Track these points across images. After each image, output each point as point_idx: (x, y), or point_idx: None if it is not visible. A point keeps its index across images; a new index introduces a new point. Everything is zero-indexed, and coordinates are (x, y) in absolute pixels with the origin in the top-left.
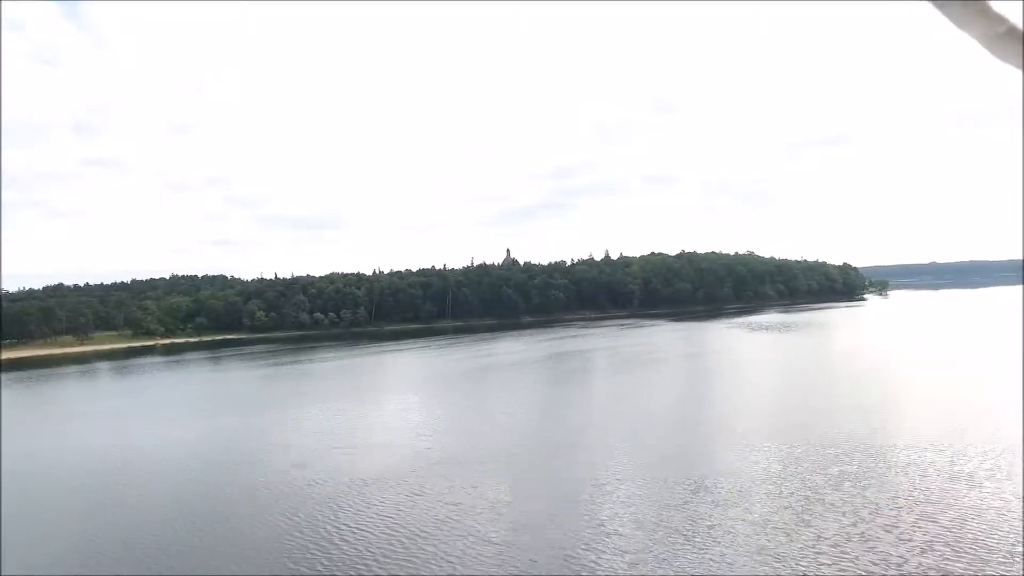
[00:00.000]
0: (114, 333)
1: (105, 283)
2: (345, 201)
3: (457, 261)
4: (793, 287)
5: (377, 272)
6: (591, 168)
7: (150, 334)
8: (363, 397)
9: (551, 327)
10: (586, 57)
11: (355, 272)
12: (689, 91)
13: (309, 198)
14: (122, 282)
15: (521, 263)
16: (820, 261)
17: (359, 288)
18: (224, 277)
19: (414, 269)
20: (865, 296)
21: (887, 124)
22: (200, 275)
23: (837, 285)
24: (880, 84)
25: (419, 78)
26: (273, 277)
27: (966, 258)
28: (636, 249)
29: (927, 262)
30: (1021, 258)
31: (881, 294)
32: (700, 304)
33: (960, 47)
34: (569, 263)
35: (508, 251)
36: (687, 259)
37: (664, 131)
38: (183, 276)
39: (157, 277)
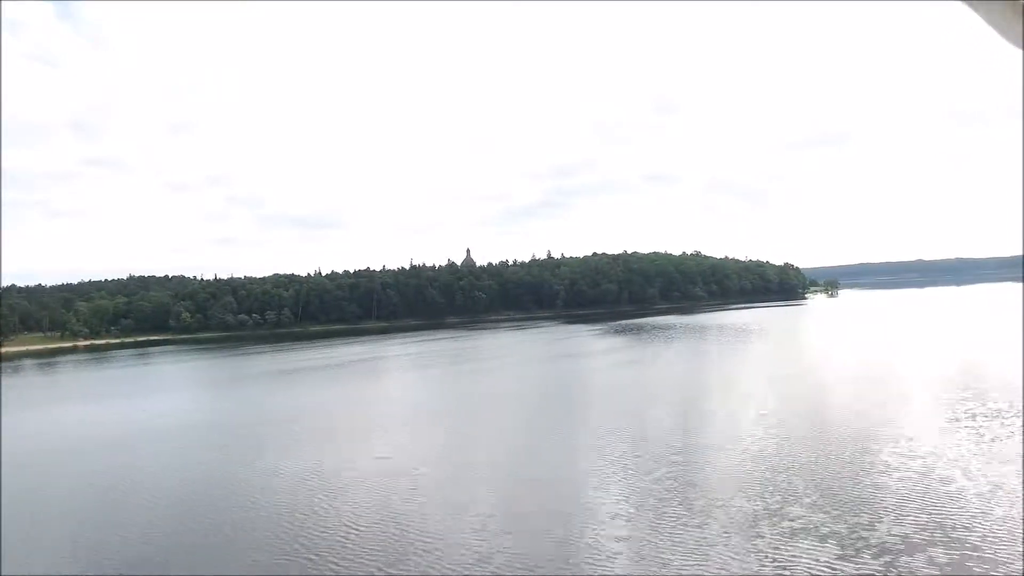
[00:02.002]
0: (40, 335)
1: (61, 283)
2: (346, 200)
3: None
4: (725, 287)
5: (309, 274)
6: (591, 168)
7: (76, 336)
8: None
9: (461, 328)
10: (586, 56)
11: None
12: (688, 90)
13: (310, 197)
14: (69, 283)
15: (479, 263)
16: (758, 261)
17: (287, 290)
18: (183, 277)
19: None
20: (807, 296)
21: (884, 123)
22: (168, 275)
23: (772, 285)
24: (875, 83)
25: (419, 77)
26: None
27: (952, 255)
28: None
29: (913, 259)
30: (999, 256)
31: (829, 294)
32: (627, 304)
33: (956, 47)
34: (511, 263)
35: (468, 251)
36: (622, 260)
37: (664, 130)
38: (140, 276)
39: (121, 277)
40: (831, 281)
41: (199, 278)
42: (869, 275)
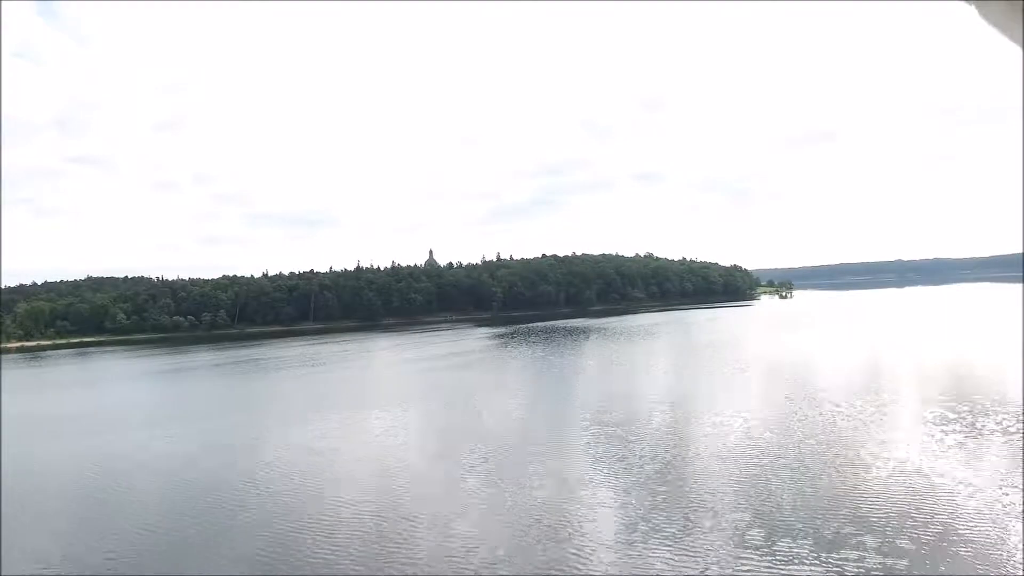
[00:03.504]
0: None
1: (17, 285)
2: (336, 198)
3: (443, 259)
4: (665, 289)
5: (243, 277)
6: (581, 166)
7: (10, 338)
8: None
9: (391, 330)
10: (573, 55)
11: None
12: (676, 88)
13: (300, 195)
14: (23, 284)
15: (442, 264)
16: (703, 263)
17: (225, 292)
18: (141, 278)
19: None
20: (757, 297)
21: (870, 121)
22: (127, 276)
23: (717, 287)
24: (861, 81)
25: (409, 75)
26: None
27: (931, 256)
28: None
29: (893, 259)
30: (976, 256)
31: (782, 295)
32: (564, 306)
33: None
34: (450, 265)
35: (431, 252)
36: (567, 262)
37: (652, 128)
38: (97, 277)
39: (79, 278)
40: (784, 282)
41: (161, 279)
42: (848, 275)
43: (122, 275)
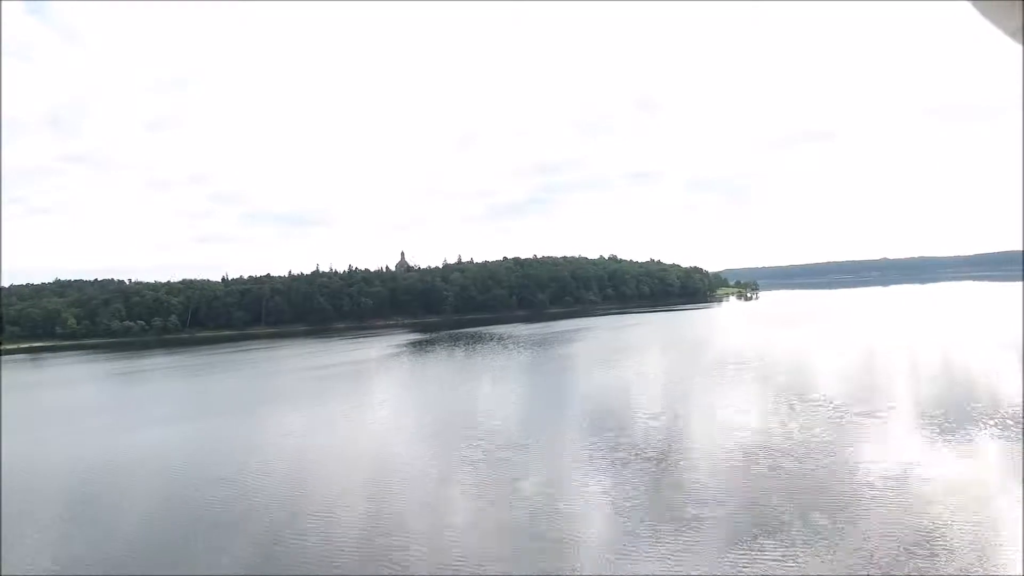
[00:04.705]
0: None
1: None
2: (331, 197)
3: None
4: (621, 292)
5: (199, 281)
6: (576, 165)
7: None
8: None
9: (336, 335)
10: (568, 53)
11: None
12: (670, 87)
13: (295, 194)
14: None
15: (415, 266)
16: (661, 264)
17: (177, 296)
18: (112, 281)
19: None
20: (717, 300)
21: (865, 119)
22: (97, 278)
23: (674, 289)
24: (848, 79)
25: (404, 74)
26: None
27: (916, 254)
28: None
29: (878, 258)
30: (960, 255)
31: (746, 297)
32: (517, 309)
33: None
34: (418, 268)
35: (402, 254)
36: (526, 265)
37: (646, 127)
38: (67, 280)
39: (47, 280)
40: (749, 283)
41: (132, 281)
42: (835, 273)
43: (92, 277)
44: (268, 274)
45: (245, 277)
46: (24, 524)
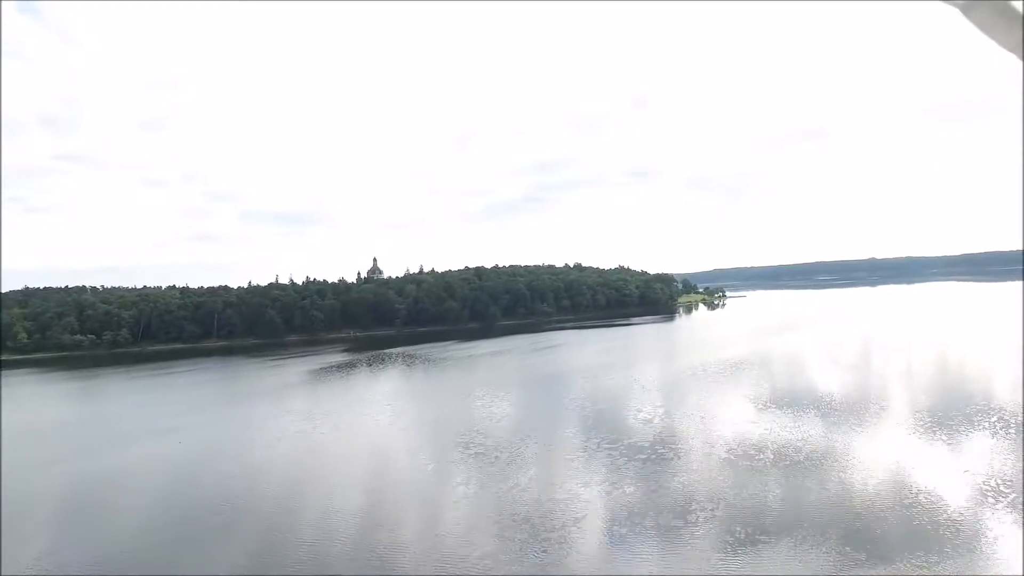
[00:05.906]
0: None
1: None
2: (329, 196)
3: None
4: (577, 303)
5: (156, 290)
6: (572, 163)
7: None
8: None
9: (284, 349)
10: (566, 53)
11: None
12: (665, 86)
13: (293, 193)
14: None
15: (382, 275)
16: (623, 270)
17: (129, 309)
18: (82, 287)
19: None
20: (687, 308)
21: (856, 120)
22: (67, 285)
23: (631, 299)
24: (847, 79)
25: (401, 73)
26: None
27: (903, 254)
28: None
29: (866, 258)
30: (946, 255)
31: (712, 304)
32: (470, 322)
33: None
34: (390, 277)
35: (375, 260)
36: (483, 275)
37: (643, 126)
38: (35, 288)
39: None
40: (716, 288)
41: (103, 287)
42: (823, 273)
43: (62, 284)
44: (225, 286)
45: (205, 287)
46: None
